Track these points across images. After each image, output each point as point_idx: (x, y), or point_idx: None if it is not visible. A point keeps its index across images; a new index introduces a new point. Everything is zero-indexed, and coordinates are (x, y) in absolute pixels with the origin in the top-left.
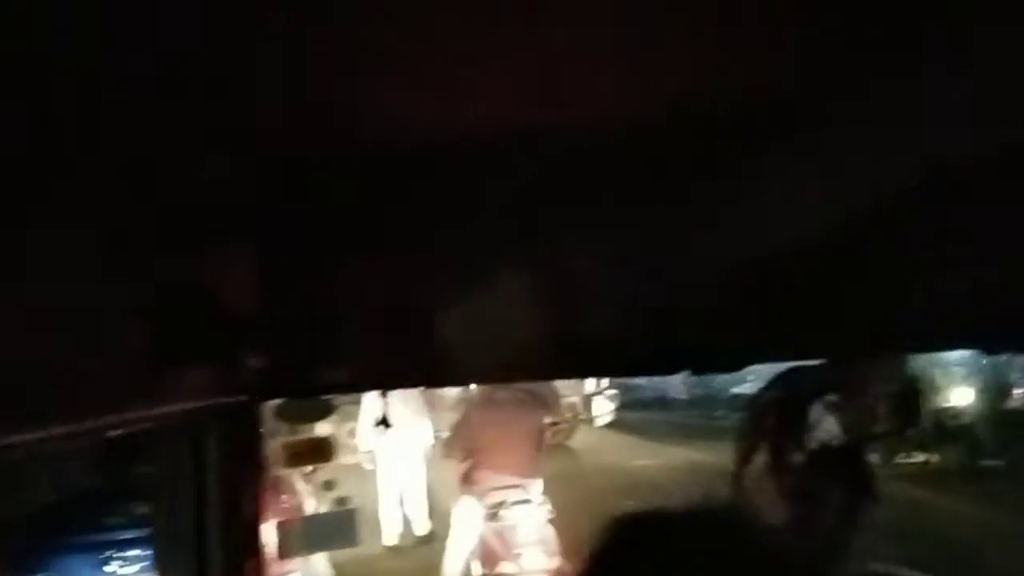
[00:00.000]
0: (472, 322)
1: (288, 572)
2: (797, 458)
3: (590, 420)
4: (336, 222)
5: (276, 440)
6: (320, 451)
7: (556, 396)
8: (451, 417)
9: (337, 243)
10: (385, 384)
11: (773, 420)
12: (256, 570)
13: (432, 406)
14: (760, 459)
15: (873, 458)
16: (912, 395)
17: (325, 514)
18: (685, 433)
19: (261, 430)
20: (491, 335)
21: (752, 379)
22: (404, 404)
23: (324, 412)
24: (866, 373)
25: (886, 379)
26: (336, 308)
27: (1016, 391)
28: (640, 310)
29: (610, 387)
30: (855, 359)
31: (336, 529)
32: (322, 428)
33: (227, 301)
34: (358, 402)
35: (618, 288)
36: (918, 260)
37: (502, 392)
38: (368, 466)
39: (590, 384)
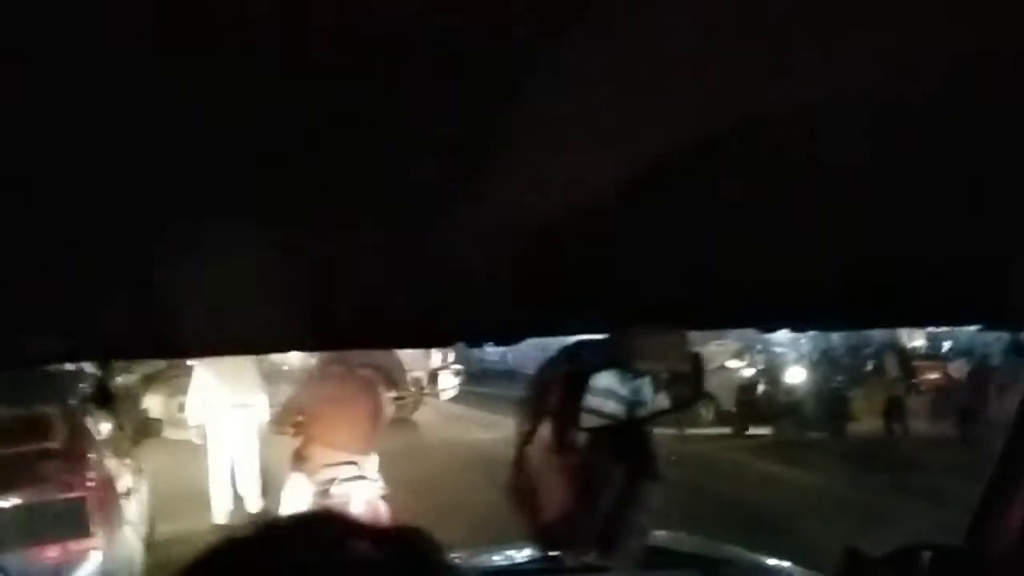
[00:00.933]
0: (201, 289)
1: (88, 549)
2: (579, 435)
3: (435, 394)
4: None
5: None
6: (34, 429)
7: (401, 370)
8: (287, 392)
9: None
10: (105, 355)
11: (555, 396)
12: None
13: (269, 380)
14: (543, 436)
15: (660, 434)
16: (694, 372)
17: (49, 502)
18: None
19: None
20: (223, 304)
21: None
22: (238, 378)
23: (41, 386)
24: (648, 348)
25: (667, 355)
26: (44, 271)
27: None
28: (408, 279)
29: (456, 361)
30: (637, 334)
31: (61, 519)
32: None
33: None
34: (189, 375)
35: (383, 256)
36: (694, 235)
37: (338, 366)
38: (197, 441)
39: (436, 358)
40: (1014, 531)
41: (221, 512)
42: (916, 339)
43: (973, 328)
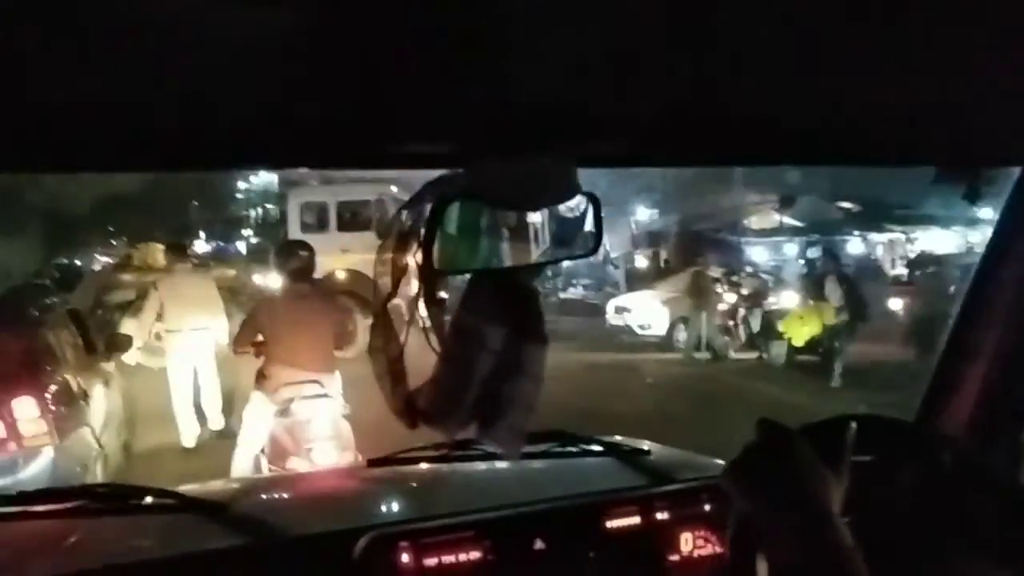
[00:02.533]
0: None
1: (44, 445)
2: (447, 286)
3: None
4: None
5: None
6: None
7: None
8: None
9: None
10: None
11: (415, 240)
12: None
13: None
14: (408, 291)
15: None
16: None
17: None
18: None
19: None
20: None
21: (576, 284)
22: (198, 301)
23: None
24: (516, 179)
25: (546, 188)
26: None
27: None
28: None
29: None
30: (499, 162)
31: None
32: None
33: None
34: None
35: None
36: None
37: (302, 286)
38: (162, 363)
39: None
40: (960, 411)
41: (188, 434)
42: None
43: None
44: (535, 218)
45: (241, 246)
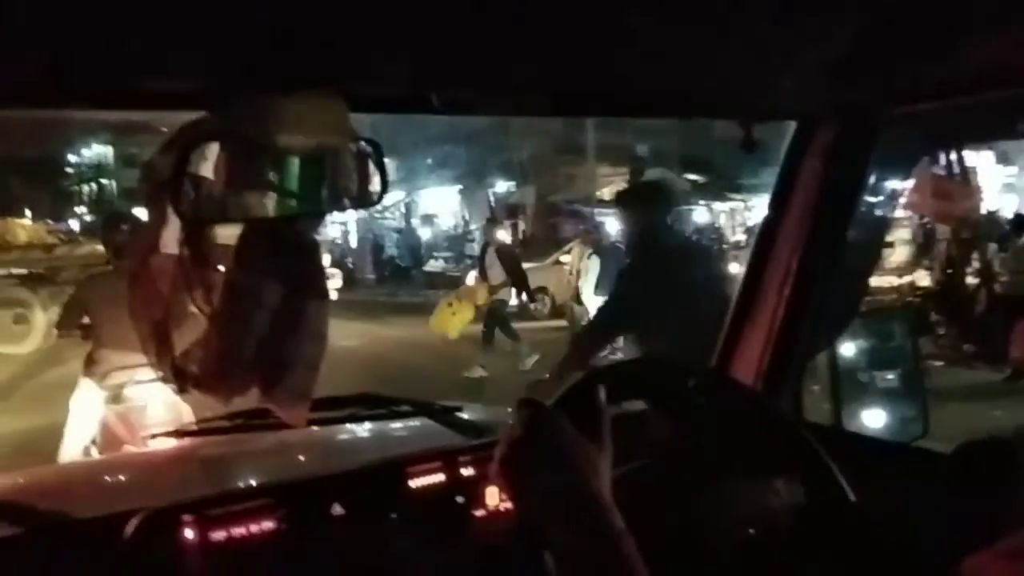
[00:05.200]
0: None
1: None
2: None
3: None
4: None
5: None
6: None
7: None
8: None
9: None
10: None
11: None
12: None
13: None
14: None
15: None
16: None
17: None
18: (366, 309)
19: None
20: None
21: (436, 259)
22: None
23: None
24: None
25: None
26: None
27: None
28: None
29: None
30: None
31: None
32: None
33: None
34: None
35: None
36: None
37: (127, 261)
38: None
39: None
40: (751, 360)
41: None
42: None
43: None
44: (313, 165)
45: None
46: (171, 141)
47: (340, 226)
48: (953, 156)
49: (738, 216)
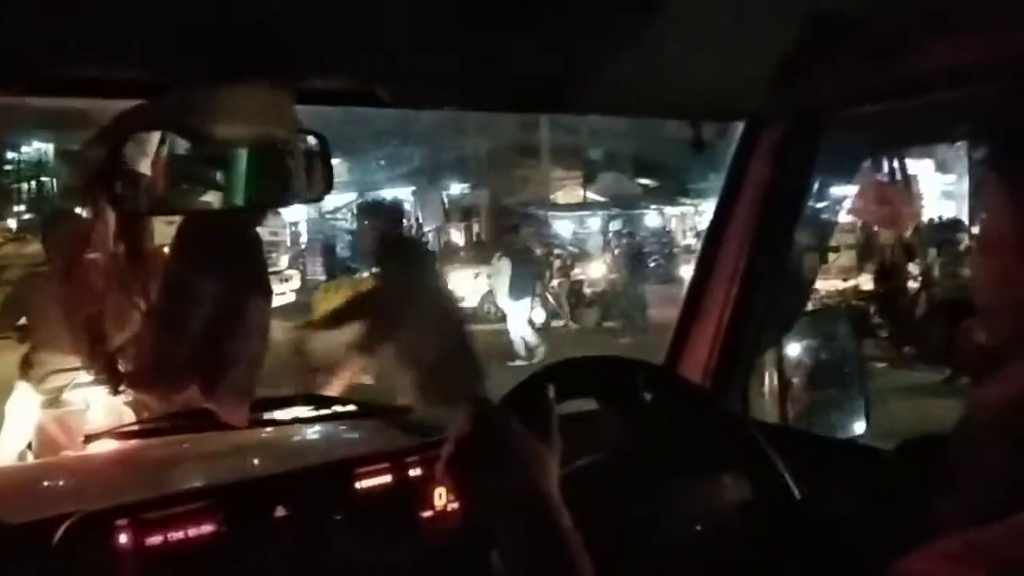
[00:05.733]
0: None
1: None
2: (147, 232)
3: None
4: None
5: None
6: None
7: None
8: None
9: None
10: None
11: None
12: None
13: None
14: (100, 234)
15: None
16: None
17: None
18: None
19: None
20: None
21: None
22: None
23: None
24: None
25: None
26: None
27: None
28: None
29: None
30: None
31: None
32: None
33: None
34: None
35: None
36: None
37: (66, 261)
38: None
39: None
40: (699, 359)
41: None
42: None
43: None
44: (256, 157)
45: (12, 223)
46: (104, 130)
47: (291, 227)
48: (896, 163)
49: (688, 220)
